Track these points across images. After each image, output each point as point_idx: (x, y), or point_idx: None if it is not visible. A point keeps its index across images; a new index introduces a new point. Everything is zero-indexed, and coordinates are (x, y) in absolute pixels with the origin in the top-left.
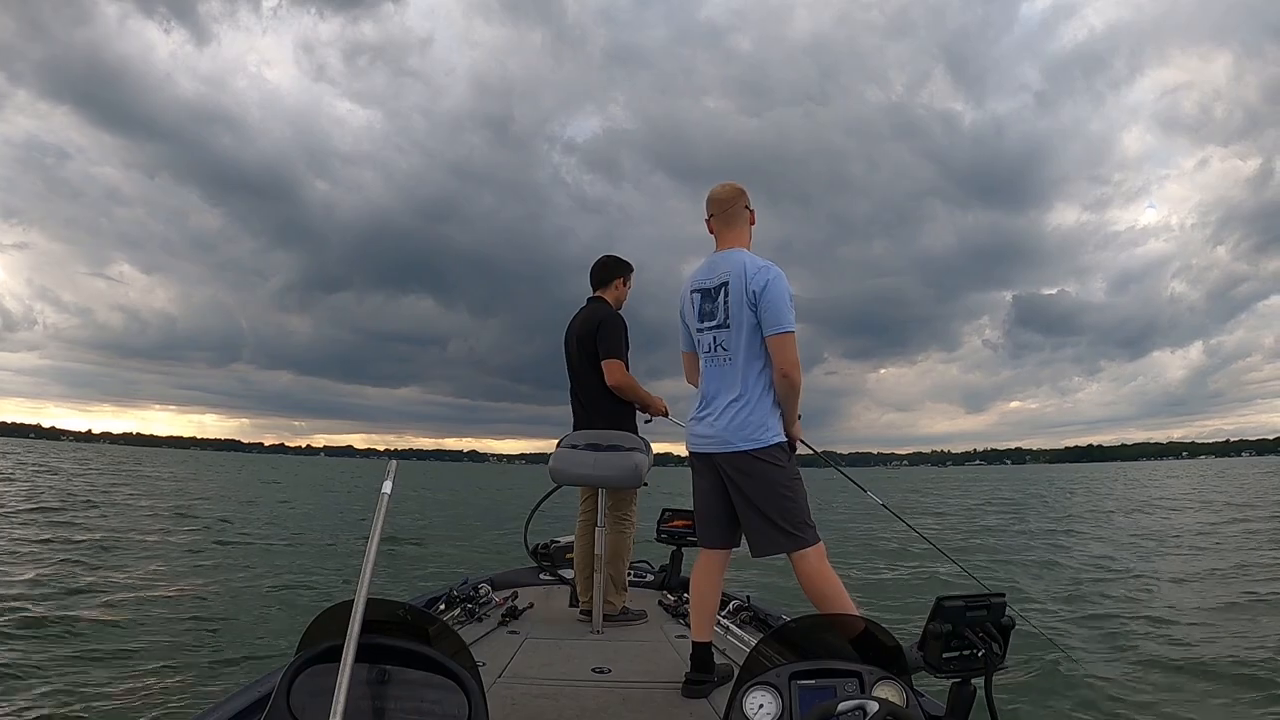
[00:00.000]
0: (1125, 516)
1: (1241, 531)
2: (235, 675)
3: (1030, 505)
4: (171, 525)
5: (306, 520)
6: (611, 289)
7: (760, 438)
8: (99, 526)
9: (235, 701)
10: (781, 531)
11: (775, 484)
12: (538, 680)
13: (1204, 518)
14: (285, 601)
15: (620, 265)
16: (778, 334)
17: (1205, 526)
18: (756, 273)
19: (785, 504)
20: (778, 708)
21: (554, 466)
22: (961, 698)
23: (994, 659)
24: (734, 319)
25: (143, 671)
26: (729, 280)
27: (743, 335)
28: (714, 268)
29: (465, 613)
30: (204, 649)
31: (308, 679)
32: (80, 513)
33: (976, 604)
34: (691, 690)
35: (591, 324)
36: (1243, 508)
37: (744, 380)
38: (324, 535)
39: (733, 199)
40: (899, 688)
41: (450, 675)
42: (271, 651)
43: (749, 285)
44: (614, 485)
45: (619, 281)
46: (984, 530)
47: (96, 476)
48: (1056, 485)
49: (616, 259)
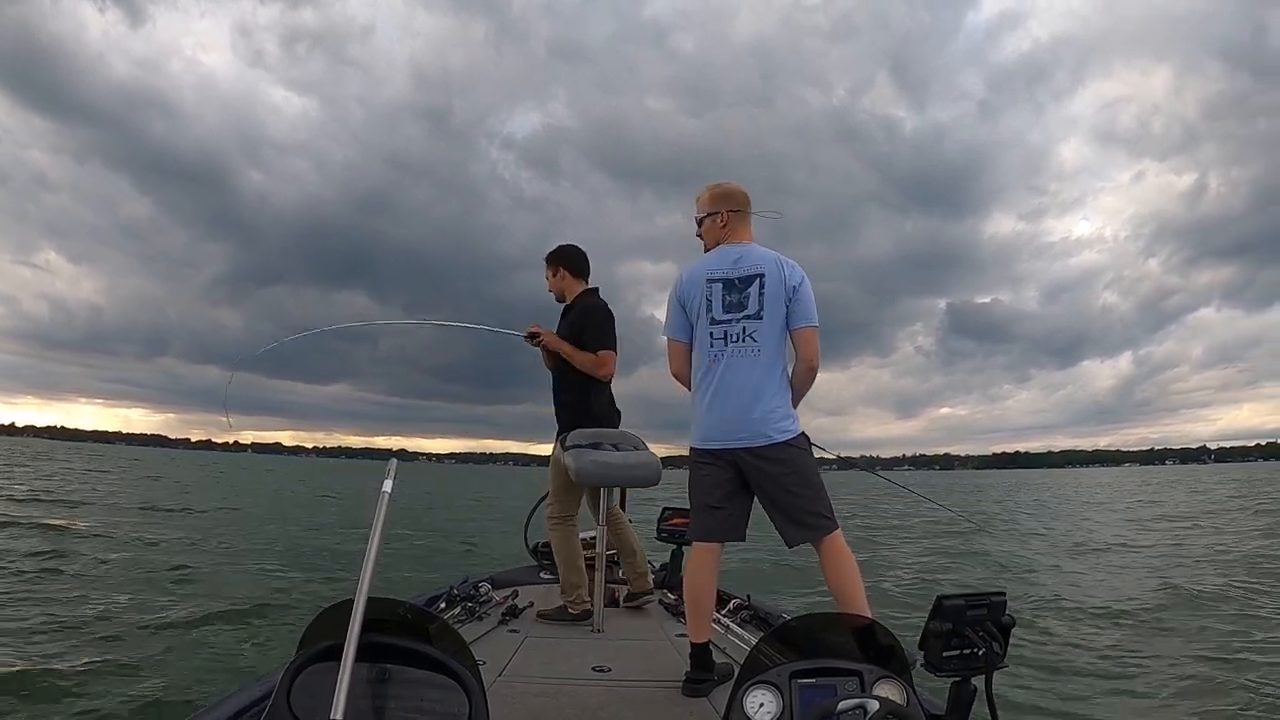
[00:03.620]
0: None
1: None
2: (235, 676)
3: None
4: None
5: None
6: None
7: (793, 428)
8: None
9: (235, 700)
10: (818, 516)
11: (810, 471)
12: (538, 679)
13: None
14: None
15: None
16: (810, 327)
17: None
18: (791, 268)
19: (820, 490)
20: (778, 707)
21: (581, 468)
22: (962, 697)
23: (994, 658)
24: (768, 311)
25: (142, 671)
26: (764, 272)
27: (775, 327)
28: (739, 259)
29: (465, 611)
30: (203, 649)
31: (308, 678)
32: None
33: (977, 603)
34: (692, 689)
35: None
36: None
37: (771, 371)
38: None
39: (747, 197)
40: (899, 686)
41: (451, 674)
42: (271, 652)
43: (787, 280)
44: (639, 484)
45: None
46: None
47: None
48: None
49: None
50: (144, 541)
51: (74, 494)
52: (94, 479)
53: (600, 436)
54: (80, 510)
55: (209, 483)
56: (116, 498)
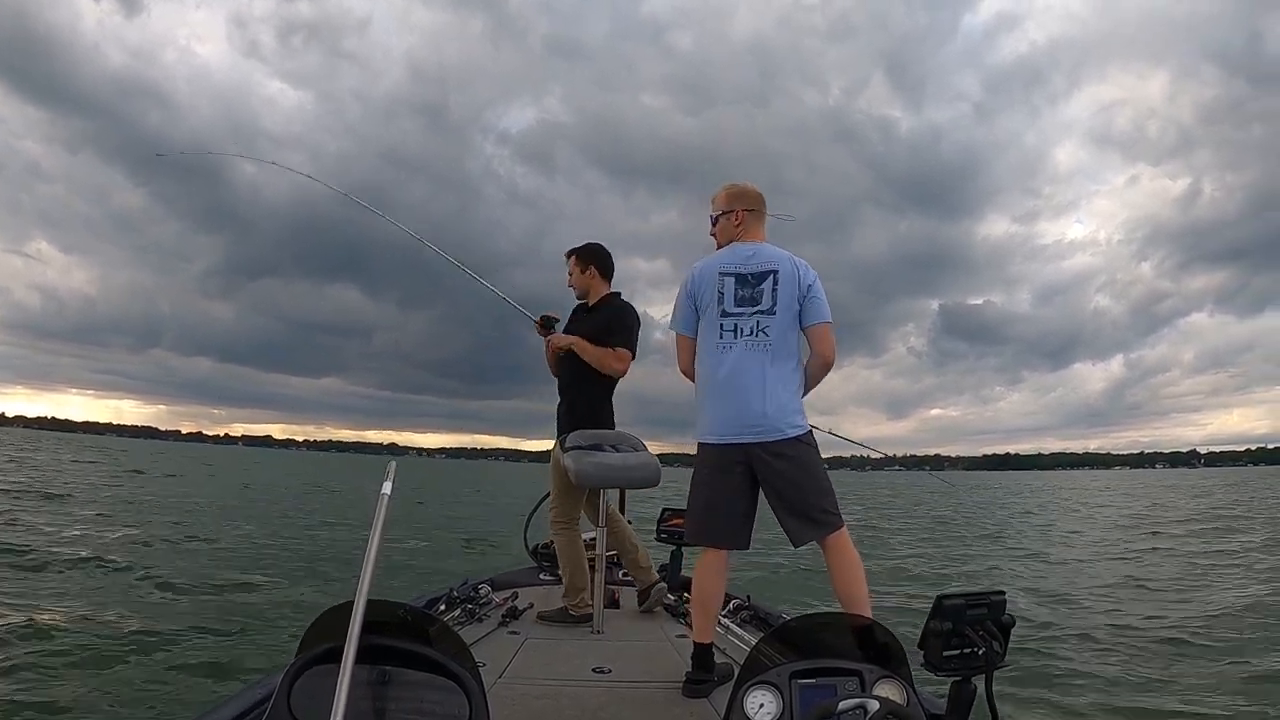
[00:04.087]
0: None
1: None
2: (233, 677)
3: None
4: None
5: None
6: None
7: (803, 424)
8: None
9: (235, 703)
10: (825, 513)
11: (818, 467)
12: (538, 680)
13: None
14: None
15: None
16: (824, 323)
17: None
18: (806, 269)
19: (828, 487)
20: (778, 707)
21: (581, 470)
22: (962, 696)
23: (994, 657)
24: (782, 306)
25: (141, 670)
26: (778, 269)
27: (788, 324)
28: (752, 255)
29: (465, 613)
30: (202, 651)
31: (308, 680)
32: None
33: (977, 602)
34: (692, 690)
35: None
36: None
37: (783, 367)
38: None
39: (762, 198)
40: (899, 686)
41: (451, 676)
42: (271, 652)
43: (802, 278)
44: (639, 485)
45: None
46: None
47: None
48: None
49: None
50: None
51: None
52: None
53: (599, 438)
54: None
55: (202, 479)
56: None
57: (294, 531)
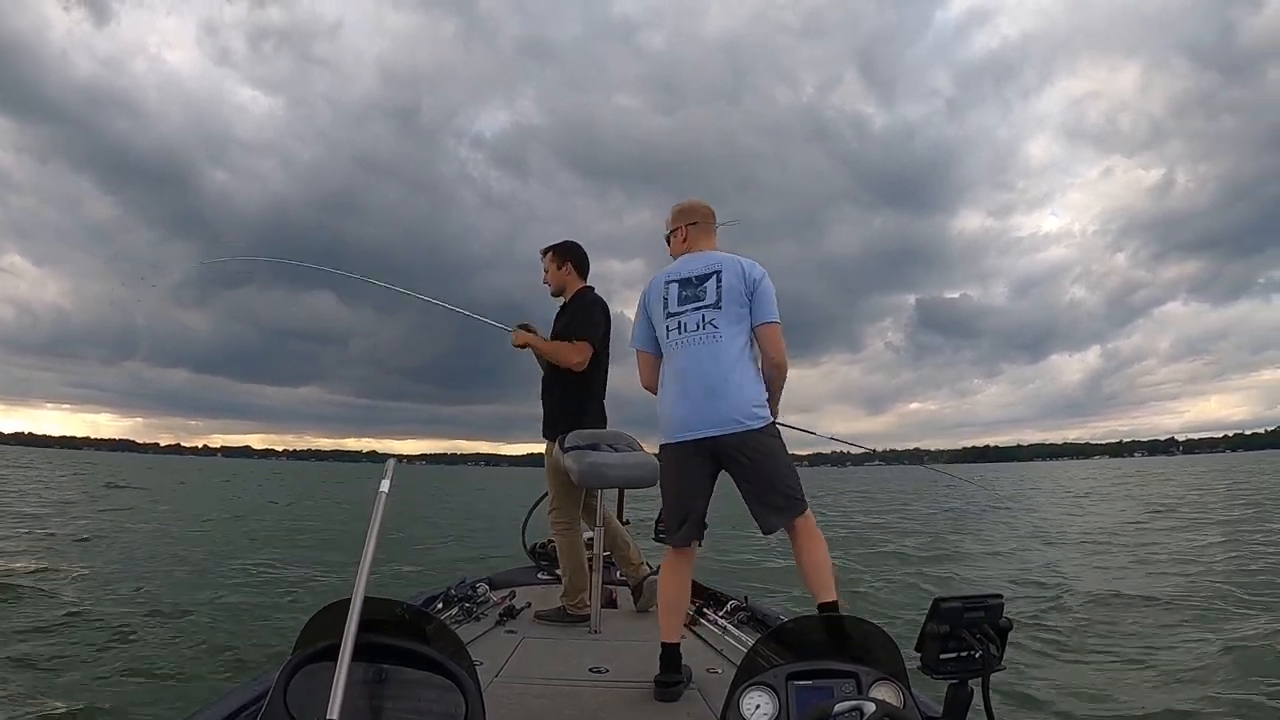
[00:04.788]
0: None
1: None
2: (232, 675)
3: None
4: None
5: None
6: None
7: (765, 415)
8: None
9: (231, 700)
10: (792, 500)
11: (784, 455)
12: (535, 679)
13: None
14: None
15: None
16: (771, 323)
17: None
18: (752, 266)
19: (793, 473)
20: (775, 708)
21: (582, 470)
22: (959, 699)
23: (991, 661)
24: (726, 299)
25: (139, 670)
26: (721, 269)
27: (736, 317)
28: (696, 262)
29: (463, 612)
30: (198, 648)
31: (304, 678)
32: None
33: (974, 605)
34: (664, 693)
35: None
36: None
37: (739, 359)
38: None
39: (711, 212)
40: (896, 689)
41: (447, 674)
42: (267, 649)
43: (747, 274)
44: (638, 484)
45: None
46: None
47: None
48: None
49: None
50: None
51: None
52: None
53: (597, 438)
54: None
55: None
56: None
57: (294, 532)
